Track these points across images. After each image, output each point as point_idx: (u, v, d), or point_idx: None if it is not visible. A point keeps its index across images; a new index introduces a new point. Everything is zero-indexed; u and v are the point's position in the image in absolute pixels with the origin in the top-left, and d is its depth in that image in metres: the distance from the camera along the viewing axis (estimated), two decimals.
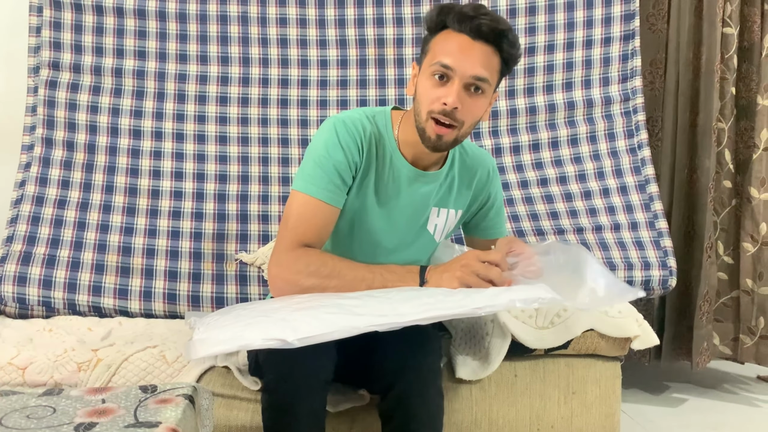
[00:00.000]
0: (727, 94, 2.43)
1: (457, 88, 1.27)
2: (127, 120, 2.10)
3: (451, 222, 1.50)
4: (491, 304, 1.12)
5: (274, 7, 2.16)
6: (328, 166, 1.32)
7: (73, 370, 1.47)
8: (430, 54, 1.31)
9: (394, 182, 1.40)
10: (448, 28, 1.30)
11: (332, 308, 1.13)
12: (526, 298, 1.13)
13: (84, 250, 1.96)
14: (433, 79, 1.28)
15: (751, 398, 2.48)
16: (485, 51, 1.28)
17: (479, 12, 1.27)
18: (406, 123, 1.39)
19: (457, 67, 1.26)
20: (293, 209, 1.33)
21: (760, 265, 2.45)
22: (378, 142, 1.38)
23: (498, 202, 1.56)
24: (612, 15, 2.18)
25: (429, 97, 1.29)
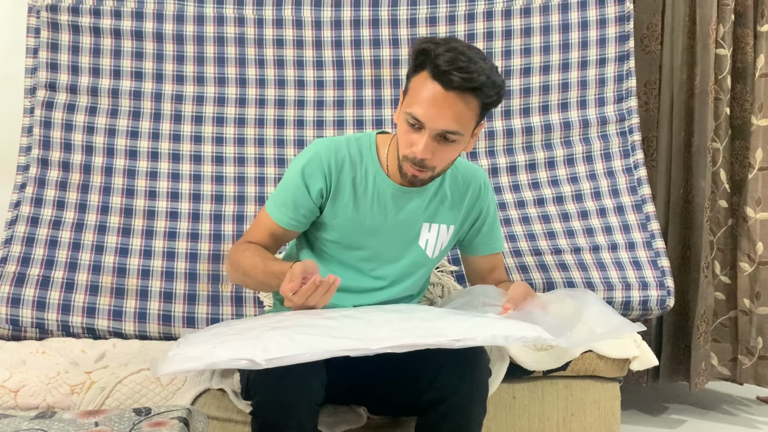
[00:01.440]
0: (721, 114, 2.44)
1: (427, 139, 1.28)
2: (123, 140, 2.10)
3: (444, 237, 1.50)
4: (470, 336, 1.09)
5: (271, 29, 2.18)
6: (288, 193, 1.43)
7: (66, 393, 1.45)
8: (408, 96, 1.31)
9: (379, 201, 1.43)
10: (425, 70, 1.28)
11: (309, 329, 1.12)
12: (508, 335, 1.11)
13: (78, 271, 1.95)
14: (406, 125, 1.31)
15: (751, 420, 2.46)
16: (458, 102, 1.26)
17: (455, 65, 1.23)
18: (394, 146, 1.42)
19: (426, 121, 1.27)
20: (257, 217, 1.51)
21: (757, 285, 2.44)
22: (357, 164, 1.43)
23: (491, 217, 1.56)
24: (607, 36, 2.19)
25: (403, 141, 1.33)
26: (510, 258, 2.05)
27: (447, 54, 1.24)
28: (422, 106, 1.27)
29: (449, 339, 1.08)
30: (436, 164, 1.33)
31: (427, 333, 1.10)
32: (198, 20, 2.16)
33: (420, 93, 1.27)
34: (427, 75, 1.26)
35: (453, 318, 1.17)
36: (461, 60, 1.24)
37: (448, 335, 1.09)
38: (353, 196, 1.43)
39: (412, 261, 1.48)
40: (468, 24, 2.20)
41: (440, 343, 1.07)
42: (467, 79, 1.24)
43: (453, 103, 1.26)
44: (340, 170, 1.42)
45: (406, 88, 1.34)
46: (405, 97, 1.33)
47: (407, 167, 1.34)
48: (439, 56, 1.24)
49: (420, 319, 1.16)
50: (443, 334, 1.09)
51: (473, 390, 1.27)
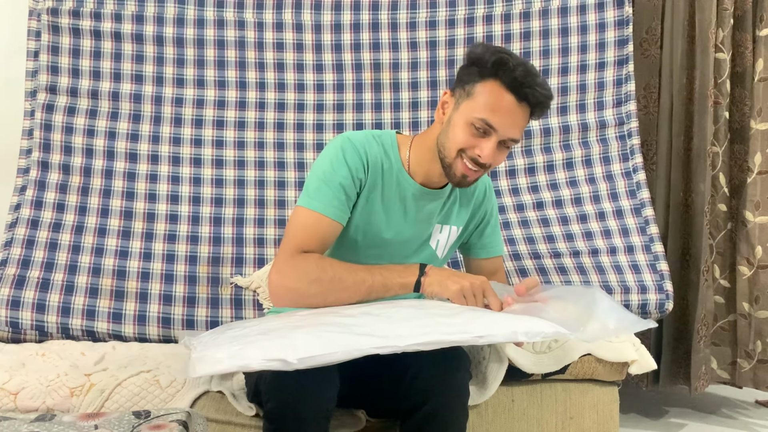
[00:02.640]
0: (720, 118, 2.45)
1: (494, 145, 1.33)
2: (124, 143, 2.10)
3: (452, 238, 1.53)
4: (492, 333, 1.10)
5: (271, 32, 2.18)
6: (333, 182, 1.36)
7: (66, 396, 1.45)
8: (474, 99, 1.33)
9: (401, 200, 1.44)
10: (497, 79, 1.31)
11: (332, 327, 1.11)
12: (528, 330, 1.11)
13: (78, 273, 1.95)
14: (471, 127, 1.33)
15: (750, 423, 2.46)
16: (525, 114, 1.34)
17: (532, 82, 1.31)
18: (420, 146, 1.44)
19: (499, 128, 1.32)
20: (295, 221, 1.37)
21: (756, 289, 2.44)
22: (384, 161, 1.43)
23: (494, 220, 1.59)
24: (606, 40, 2.20)
25: (464, 141, 1.34)
26: (509, 261, 2.06)
27: (520, 68, 1.30)
28: (498, 114, 1.31)
29: (473, 336, 1.09)
30: (492, 167, 1.39)
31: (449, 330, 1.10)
32: (198, 23, 2.16)
33: (493, 101, 1.31)
34: (500, 85, 1.31)
35: (470, 315, 1.17)
36: (535, 76, 1.32)
37: (471, 332, 1.09)
38: (382, 190, 1.42)
39: (423, 260, 1.48)
40: (467, 28, 2.20)
41: (465, 340, 1.09)
42: (541, 96, 1.32)
43: (522, 114, 1.34)
44: (374, 164, 1.41)
45: (466, 90, 1.35)
46: (467, 100, 1.34)
47: (462, 167, 1.35)
48: (516, 69, 1.30)
49: (438, 316, 1.16)
50: (466, 331, 1.09)
51: (451, 393, 1.27)
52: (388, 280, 1.31)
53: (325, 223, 1.36)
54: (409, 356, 1.17)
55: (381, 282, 1.30)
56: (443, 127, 1.39)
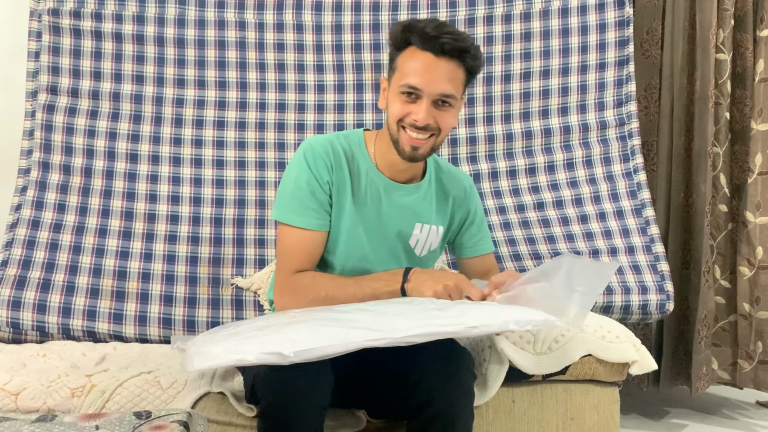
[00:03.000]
0: (721, 119, 2.45)
1: (426, 106, 1.33)
2: (124, 144, 2.10)
3: (433, 237, 1.52)
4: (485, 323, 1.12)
5: (272, 33, 2.18)
6: (303, 192, 1.39)
7: (67, 396, 1.45)
8: (398, 72, 1.36)
9: (372, 196, 1.44)
10: (412, 46, 1.34)
11: (328, 321, 1.12)
12: (519, 319, 1.12)
13: (79, 274, 1.95)
14: (402, 97, 1.35)
15: (751, 424, 2.46)
16: (450, 67, 1.33)
17: (442, 31, 1.31)
18: (381, 140, 1.45)
19: (424, 87, 1.32)
20: (283, 242, 1.42)
21: (757, 289, 2.44)
22: (351, 158, 1.44)
23: (478, 218, 1.59)
24: (606, 41, 2.20)
25: (398, 111, 1.35)
26: (509, 262, 2.06)
27: (431, 23, 1.32)
28: (417, 74, 1.32)
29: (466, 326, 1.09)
30: (435, 128, 1.36)
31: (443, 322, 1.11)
32: (199, 24, 2.17)
33: (412, 65, 1.33)
34: (415, 48, 1.33)
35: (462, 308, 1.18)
36: (447, 27, 1.33)
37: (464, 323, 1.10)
38: (351, 189, 1.43)
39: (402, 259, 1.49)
40: (468, 28, 2.20)
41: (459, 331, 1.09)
42: (456, 39, 1.32)
43: (445, 67, 1.33)
44: (339, 163, 1.42)
45: (392, 68, 1.38)
46: (393, 75, 1.37)
47: (406, 139, 1.36)
48: (425, 27, 1.31)
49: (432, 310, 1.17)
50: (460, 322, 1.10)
51: (458, 392, 1.27)
52: (376, 291, 1.33)
53: (309, 237, 1.40)
54: (414, 357, 1.18)
55: (370, 294, 1.33)
56: (386, 112, 1.41)
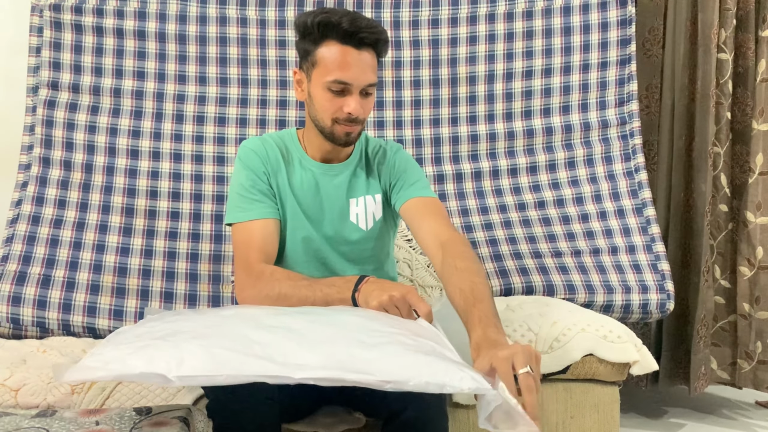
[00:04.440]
0: (722, 118, 2.45)
1: (356, 97, 1.38)
2: (125, 140, 2.10)
3: (372, 207, 1.52)
4: (402, 379, 0.94)
5: (274, 30, 2.18)
6: (243, 188, 1.44)
7: (67, 393, 1.44)
8: (320, 66, 1.38)
9: (308, 182, 1.49)
10: (331, 39, 1.36)
11: (235, 342, 0.99)
12: (444, 383, 0.94)
13: (79, 270, 1.95)
14: (329, 92, 1.38)
15: (750, 424, 2.46)
16: (369, 57, 1.39)
17: (359, 25, 1.35)
18: (308, 131, 1.49)
19: (353, 81, 1.37)
20: (235, 240, 1.43)
21: (756, 289, 2.44)
22: (284, 149, 1.50)
23: (405, 176, 1.52)
24: (609, 40, 2.20)
25: (330, 107, 1.39)
26: (510, 260, 2.06)
27: (345, 19, 1.34)
28: (344, 69, 1.36)
29: (378, 379, 0.94)
30: (365, 115, 1.42)
31: (356, 367, 0.96)
32: (201, 20, 2.16)
33: (336, 59, 1.36)
34: (334, 42, 1.36)
35: (395, 349, 1.02)
36: (361, 20, 1.36)
37: (376, 374, 0.95)
38: (287, 177, 1.48)
39: (350, 238, 1.50)
40: (470, 26, 2.20)
41: (367, 381, 0.94)
42: (373, 33, 1.37)
43: (367, 58, 1.38)
44: (272, 154, 1.48)
45: (309, 61, 1.40)
46: (315, 69, 1.38)
47: (339, 129, 1.41)
48: (342, 22, 1.34)
49: (359, 343, 1.02)
50: (372, 372, 0.95)
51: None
52: (328, 297, 1.30)
53: (259, 226, 1.41)
54: None
55: (322, 299, 1.30)
56: (308, 103, 1.44)
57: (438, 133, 2.20)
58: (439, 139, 2.19)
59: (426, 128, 2.20)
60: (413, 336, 1.07)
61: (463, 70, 2.20)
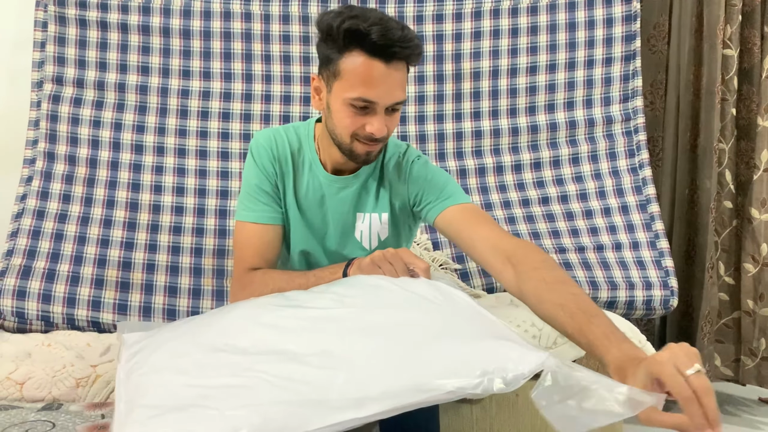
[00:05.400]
0: (727, 115, 2.44)
1: (381, 117, 1.24)
2: (130, 135, 2.10)
3: (377, 227, 1.43)
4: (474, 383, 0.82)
5: (278, 25, 2.18)
6: (251, 187, 1.38)
7: (72, 386, 1.45)
8: (343, 79, 1.22)
9: (314, 190, 1.40)
10: (358, 49, 1.20)
11: (281, 390, 0.85)
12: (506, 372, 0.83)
13: (84, 264, 1.95)
14: (351, 108, 1.24)
15: (754, 420, 2.46)
16: (400, 72, 1.24)
17: (391, 38, 1.19)
18: (324, 137, 1.37)
19: (379, 100, 1.22)
20: (236, 238, 1.39)
21: (761, 286, 2.44)
22: (296, 151, 1.40)
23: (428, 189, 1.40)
24: (613, 36, 2.19)
25: (350, 124, 1.25)
26: None
27: (375, 29, 1.18)
28: (370, 86, 1.21)
29: (446, 392, 0.83)
30: (389, 134, 1.30)
31: (417, 383, 0.84)
32: (205, 15, 2.16)
33: (361, 74, 1.20)
34: (361, 53, 1.20)
35: (452, 342, 0.90)
36: (394, 31, 1.19)
37: (442, 387, 0.83)
38: (293, 182, 1.40)
39: (352, 255, 1.41)
40: (475, 21, 2.20)
41: (437, 399, 0.83)
42: (406, 47, 1.20)
43: (396, 74, 1.22)
44: (283, 155, 1.39)
45: (331, 71, 1.24)
46: (336, 81, 1.23)
47: (360, 148, 1.28)
48: (371, 32, 1.17)
49: (412, 344, 0.91)
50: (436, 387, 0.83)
51: None
52: (321, 280, 1.25)
53: (260, 230, 1.36)
54: None
55: (315, 284, 1.25)
56: (325, 114, 1.31)
57: (442, 129, 2.20)
58: (442, 135, 2.19)
59: (430, 124, 2.20)
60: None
61: (467, 66, 2.20)
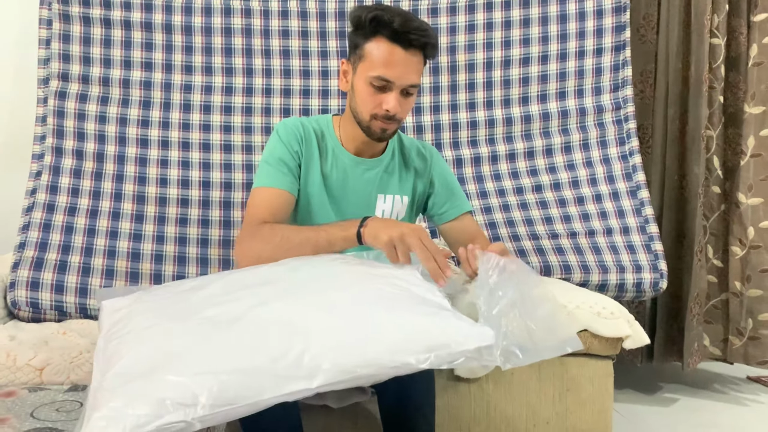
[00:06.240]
0: (715, 102, 2.51)
1: (396, 95, 1.42)
2: (135, 129, 2.16)
3: (399, 207, 1.59)
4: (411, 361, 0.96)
5: (277, 20, 2.24)
6: (272, 159, 1.49)
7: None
8: (366, 61, 1.42)
9: (339, 172, 1.54)
10: (381, 36, 1.41)
11: (236, 359, 0.95)
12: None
13: (94, 256, 2.01)
14: (371, 87, 1.42)
15: (741, 398, 2.55)
16: (416, 59, 1.43)
17: (410, 27, 1.39)
18: (346, 120, 1.54)
19: (395, 80, 1.41)
20: (250, 200, 1.48)
21: (748, 268, 2.52)
22: (320, 136, 1.55)
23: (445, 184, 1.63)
24: (604, 27, 2.25)
25: (371, 103, 1.44)
26: (508, 242, 2.13)
27: (397, 19, 1.38)
28: (389, 66, 1.40)
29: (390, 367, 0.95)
30: (403, 116, 1.47)
31: (367, 359, 0.95)
32: (206, 12, 2.21)
33: (382, 57, 1.40)
34: (384, 39, 1.40)
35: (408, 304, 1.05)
36: (413, 21, 1.41)
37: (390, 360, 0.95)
38: (320, 163, 1.53)
39: None
40: (468, 15, 2.26)
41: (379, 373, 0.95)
42: (423, 36, 1.40)
43: (413, 59, 1.42)
44: (309, 138, 1.53)
45: (357, 54, 1.44)
46: (361, 63, 1.43)
47: (377, 125, 1.45)
48: (393, 21, 1.38)
49: (367, 321, 1.02)
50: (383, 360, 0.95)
51: None
52: (331, 235, 1.33)
53: (274, 193, 1.46)
54: None
55: (325, 238, 1.33)
56: (350, 94, 1.49)
57: (438, 119, 2.26)
58: (439, 125, 2.26)
59: (427, 115, 2.26)
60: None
61: (462, 58, 2.26)
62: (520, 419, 1.64)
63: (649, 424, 2.25)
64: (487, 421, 1.63)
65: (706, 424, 2.27)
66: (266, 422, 1.21)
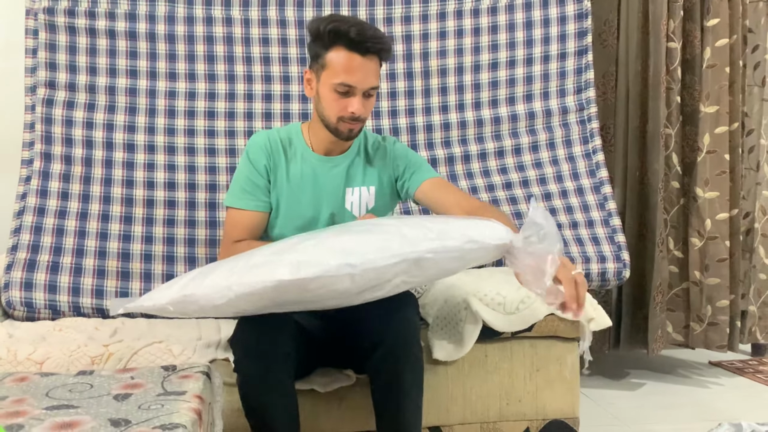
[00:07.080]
0: (673, 102, 2.64)
1: (359, 98, 1.56)
2: (121, 135, 2.22)
3: (366, 197, 1.71)
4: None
5: (257, 28, 2.32)
6: (241, 179, 1.67)
7: (88, 364, 1.59)
8: (329, 69, 1.55)
9: (307, 172, 1.68)
10: (339, 45, 1.53)
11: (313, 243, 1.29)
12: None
13: (85, 256, 2.08)
14: (335, 93, 1.56)
15: (703, 381, 2.68)
16: (373, 63, 1.57)
17: (366, 36, 1.53)
18: (314, 124, 1.68)
19: (357, 84, 1.55)
20: (226, 221, 1.69)
21: (706, 258, 2.65)
22: (287, 144, 1.70)
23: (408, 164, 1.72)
24: (567, 32, 2.37)
25: (336, 107, 1.57)
26: None
27: (353, 29, 1.52)
28: (350, 73, 1.54)
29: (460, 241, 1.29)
30: (366, 115, 1.61)
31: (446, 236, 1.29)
32: (188, 21, 2.29)
33: (342, 64, 1.53)
34: (343, 48, 1.53)
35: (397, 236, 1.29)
36: (368, 30, 1.54)
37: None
38: (287, 167, 1.67)
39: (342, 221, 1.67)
40: (440, 22, 2.36)
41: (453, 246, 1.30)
42: (378, 43, 1.55)
43: (371, 64, 1.56)
44: (276, 149, 1.68)
45: (319, 63, 1.57)
46: (323, 71, 1.56)
47: (344, 126, 1.59)
48: (350, 31, 1.51)
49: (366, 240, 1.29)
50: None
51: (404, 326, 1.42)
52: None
53: (246, 215, 1.65)
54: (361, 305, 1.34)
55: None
56: (316, 100, 1.63)
57: (413, 122, 2.35)
58: (414, 128, 2.35)
59: (402, 118, 2.35)
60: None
61: (434, 64, 2.37)
62: (494, 398, 1.76)
63: (618, 407, 2.37)
64: (463, 400, 1.75)
65: (671, 405, 2.39)
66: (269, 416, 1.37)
